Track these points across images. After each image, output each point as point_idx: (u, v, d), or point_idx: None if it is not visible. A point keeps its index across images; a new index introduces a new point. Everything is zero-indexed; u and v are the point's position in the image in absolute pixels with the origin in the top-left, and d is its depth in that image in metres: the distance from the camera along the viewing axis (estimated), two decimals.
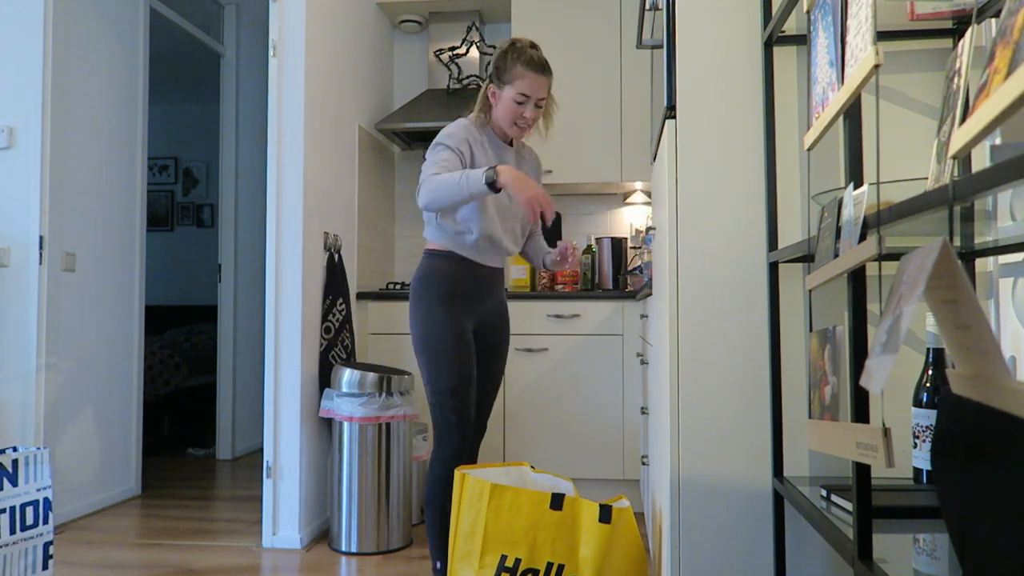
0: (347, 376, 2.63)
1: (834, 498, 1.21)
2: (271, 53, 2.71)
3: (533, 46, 2.06)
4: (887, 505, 1.12)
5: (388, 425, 2.64)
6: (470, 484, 1.78)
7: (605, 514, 1.70)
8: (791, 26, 1.52)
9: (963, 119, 0.77)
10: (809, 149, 1.11)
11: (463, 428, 2.03)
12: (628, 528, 1.73)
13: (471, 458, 2.21)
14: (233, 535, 2.81)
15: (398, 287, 3.39)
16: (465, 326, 2.07)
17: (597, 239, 3.51)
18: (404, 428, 2.69)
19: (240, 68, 4.30)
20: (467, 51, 3.61)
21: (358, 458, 2.61)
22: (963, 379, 0.68)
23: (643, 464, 2.52)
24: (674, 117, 1.56)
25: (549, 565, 1.72)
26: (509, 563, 1.73)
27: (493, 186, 1.81)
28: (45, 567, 2.02)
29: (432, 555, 2.09)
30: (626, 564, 1.72)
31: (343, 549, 2.62)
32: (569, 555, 1.73)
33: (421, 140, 3.67)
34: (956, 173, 0.82)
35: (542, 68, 2.03)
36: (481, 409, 2.20)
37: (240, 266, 4.29)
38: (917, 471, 1.26)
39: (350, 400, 2.60)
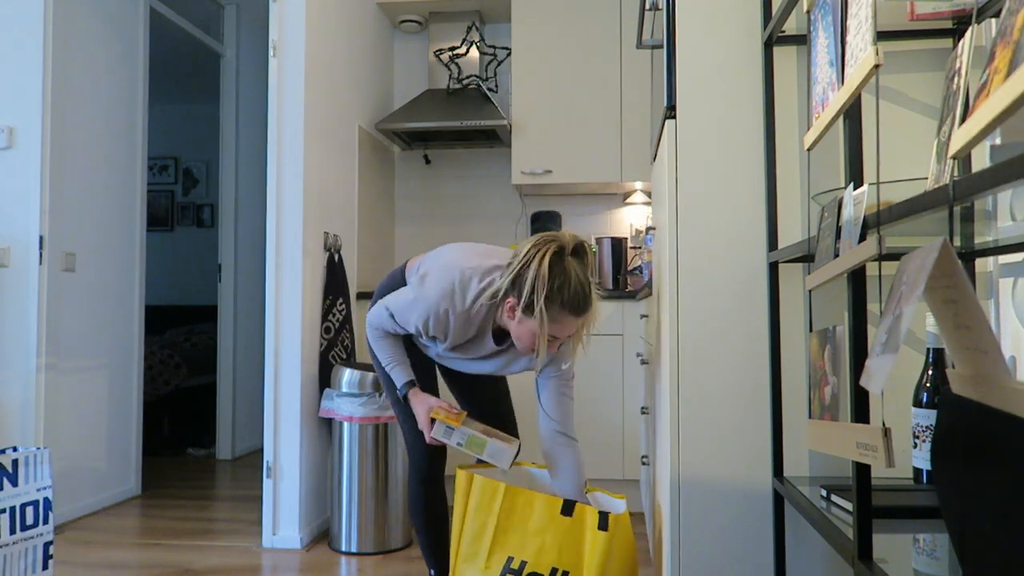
0: (347, 376, 2.63)
1: (834, 498, 1.21)
2: (271, 53, 2.71)
3: (576, 252, 1.66)
4: (887, 505, 1.12)
5: (388, 425, 2.64)
6: (480, 485, 1.78)
7: (603, 522, 1.70)
8: (791, 26, 1.52)
9: (963, 119, 0.77)
10: (809, 149, 1.11)
11: (419, 446, 1.96)
12: (624, 535, 1.73)
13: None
14: (233, 535, 2.81)
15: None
16: (428, 365, 1.98)
17: (597, 239, 3.51)
18: None
19: (240, 68, 4.30)
20: (467, 51, 3.61)
21: (358, 458, 2.61)
22: (963, 379, 0.68)
23: (643, 464, 2.52)
24: (674, 117, 1.56)
25: (554, 570, 1.72)
26: (515, 565, 1.73)
27: (404, 398, 1.86)
28: (45, 567, 2.02)
29: (427, 564, 2.09)
30: (622, 571, 1.72)
31: (343, 549, 2.62)
32: (574, 562, 1.73)
33: (421, 140, 3.68)
34: (956, 173, 0.82)
35: (584, 307, 1.65)
36: (501, 418, 2.07)
37: (240, 266, 4.29)
38: (917, 471, 1.26)
39: (350, 400, 2.60)
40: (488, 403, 2.07)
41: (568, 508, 1.75)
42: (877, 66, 0.82)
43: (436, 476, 2.02)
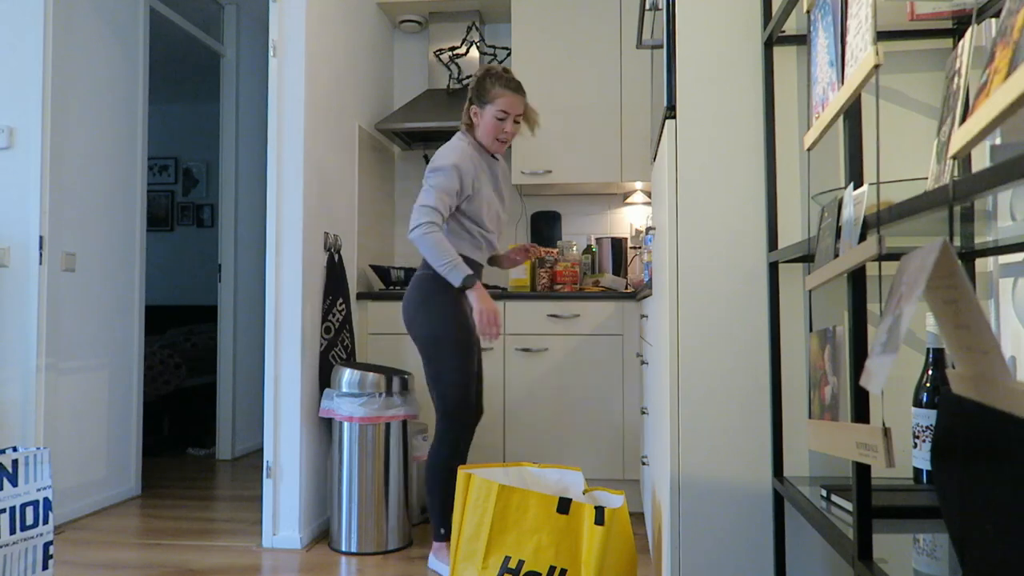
0: (347, 376, 2.63)
1: (834, 498, 1.21)
2: (271, 53, 2.71)
3: (506, 71, 2.38)
4: (887, 505, 1.12)
5: (388, 425, 2.64)
6: (476, 484, 1.78)
7: (599, 516, 1.70)
8: (791, 26, 1.52)
9: (963, 119, 0.77)
10: (809, 149, 1.11)
11: (469, 419, 2.29)
12: (621, 527, 1.74)
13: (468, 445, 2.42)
14: (233, 535, 2.81)
15: (397, 288, 3.39)
16: (471, 322, 2.34)
17: (597, 239, 3.51)
18: (404, 428, 2.69)
19: (240, 68, 4.30)
20: (467, 51, 3.61)
21: (358, 458, 2.61)
22: (963, 379, 0.68)
23: (643, 464, 2.52)
24: (674, 117, 1.56)
25: (552, 568, 1.72)
26: (512, 564, 1.73)
27: (462, 290, 2.24)
28: (45, 567, 2.02)
29: (435, 525, 2.30)
30: (620, 565, 1.72)
31: (343, 549, 2.62)
32: (572, 559, 1.73)
33: (421, 140, 3.68)
34: (956, 173, 0.82)
35: (517, 88, 2.36)
36: (478, 395, 2.46)
37: (240, 266, 4.30)
38: (917, 471, 1.26)
39: (350, 400, 2.60)
40: (478, 381, 2.49)
41: (564, 506, 1.75)
42: (877, 66, 0.82)
43: (473, 424, 2.35)
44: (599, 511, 1.71)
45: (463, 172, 2.27)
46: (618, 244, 3.46)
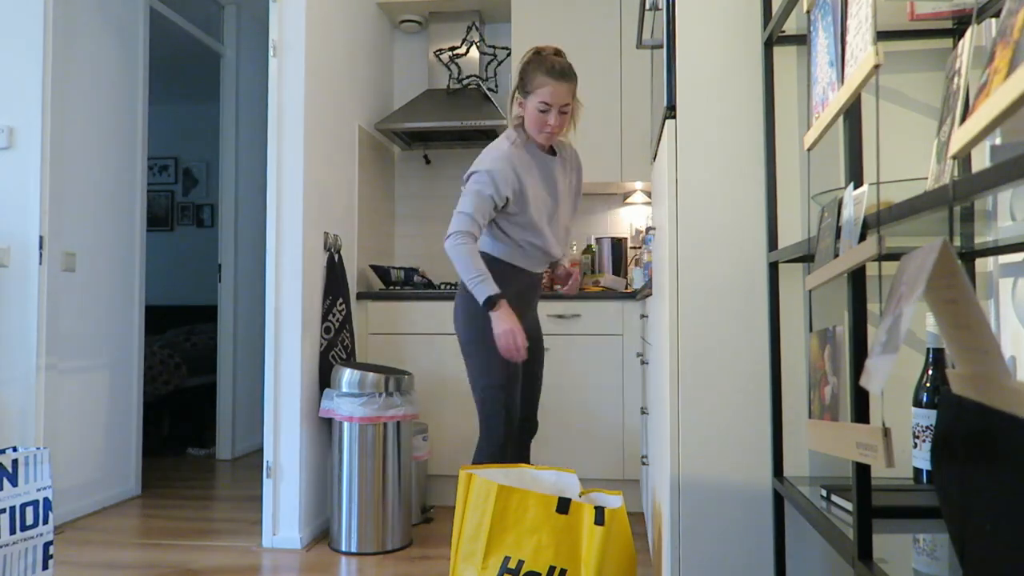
0: (347, 376, 2.63)
1: (834, 498, 1.21)
2: (271, 53, 2.71)
3: (557, 53, 2.08)
4: (887, 505, 1.12)
5: (388, 425, 2.64)
6: (477, 484, 1.78)
7: (599, 516, 1.71)
8: (791, 26, 1.52)
9: (963, 119, 0.77)
10: (809, 149, 1.11)
11: (510, 423, 2.18)
12: (620, 527, 1.74)
13: (519, 454, 2.35)
14: (233, 535, 2.81)
15: (397, 288, 3.39)
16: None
17: (597, 239, 3.51)
18: (404, 428, 2.69)
19: (240, 68, 4.30)
20: (467, 51, 3.61)
21: (358, 458, 2.61)
22: (963, 379, 0.68)
23: (643, 464, 2.52)
24: (674, 117, 1.56)
25: (551, 569, 1.72)
26: (512, 564, 1.72)
27: (486, 307, 2.06)
28: (45, 567, 2.02)
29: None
30: (619, 565, 1.72)
31: (343, 549, 2.62)
32: (572, 559, 1.73)
33: (421, 140, 3.68)
34: (956, 173, 0.82)
35: (563, 75, 2.04)
36: (530, 407, 2.36)
37: (240, 266, 4.30)
38: (917, 471, 1.26)
39: (350, 400, 2.60)
40: (533, 392, 2.38)
41: (564, 506, 1.75)
42: (877, 66, 0.82)
43: (525, 447, 2.33)
44: (599, 511, 1.72)
45: (498, 177, 2.07)
46: (618, 244, 3.46)
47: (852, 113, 0.95)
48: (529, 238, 2.18)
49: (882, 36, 1.46)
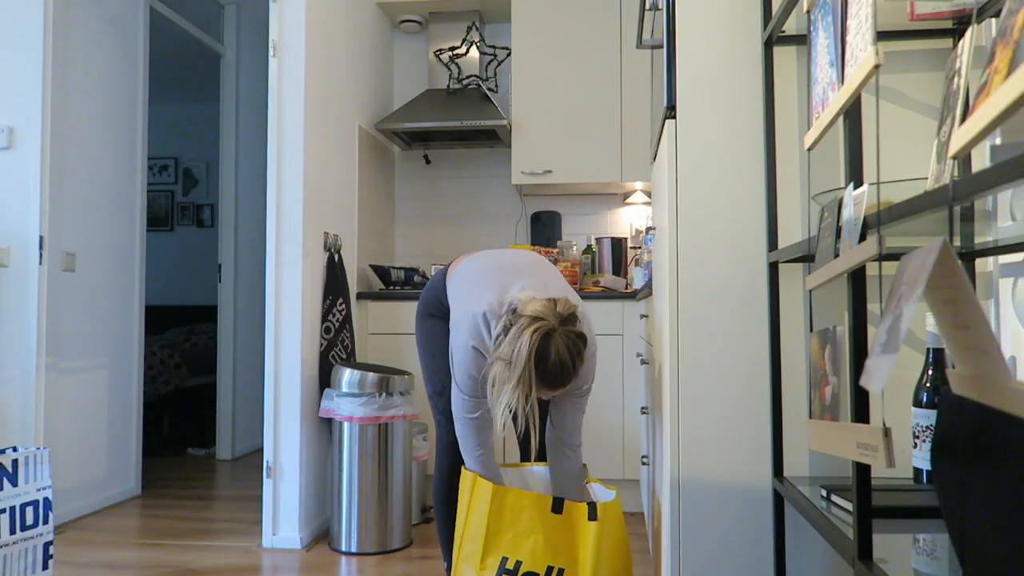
0: (347, 376, 2.63)
1: (834, 498, 1.21)
2: (271, 53, 2.71)
3: (560, 355, 1.62)
4: (887, 505, 1.12)
5: (388, 425, 2.64)
6: (476, 485, 1.78)
7: (592, 512, 1.71)
8: (791, 26, 1.52)
9: (963, 119, 0.77)
10: (809, 149, 1.11)
11: (452, 430, 2.00)
12: (613, 521, 1.74)
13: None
14: (233, 535, 2.81)
15: (397, 288, 3.39)
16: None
17: (597, 239, 3.51)
18: (404, 428, 2.69)
19: (240, 68, 4.30)
20: (467, 51, 3.61)
21: (358, 458, 2.61)
22: (963, 379, 0.68)
23: (643, 464, 2.52)
24: (674, 117, 1.55)
25: (549, 569, 1.72)
26: (510, 565, 1.73)
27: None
28: (45, 567, 2.02)
29: (442, 555, 2.12)
30: (615, 559, 1.73)
31: (343, 549, 2.62)
32: (570, 558, 1.73)
33: (421, 140, 3.67)
34: (956, 173, 0.82)
35: (557, 383, 1.66)
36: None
37: (240, 266, 4.29)
38: (917, 471, 1.26)
39: (350, 400, 2.60)
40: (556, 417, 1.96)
41: (558, 506, 1.75)
42: (877, 66, 0.82)
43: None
44: (591, 507, 1.72)
45: (480, 389, 1.82)
46: (618, 244, 3.46)
47: (852, 113, 0.95)
48: None
49: (882, 36, 1.46)
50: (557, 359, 1.62)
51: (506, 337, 1.65)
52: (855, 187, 0.94)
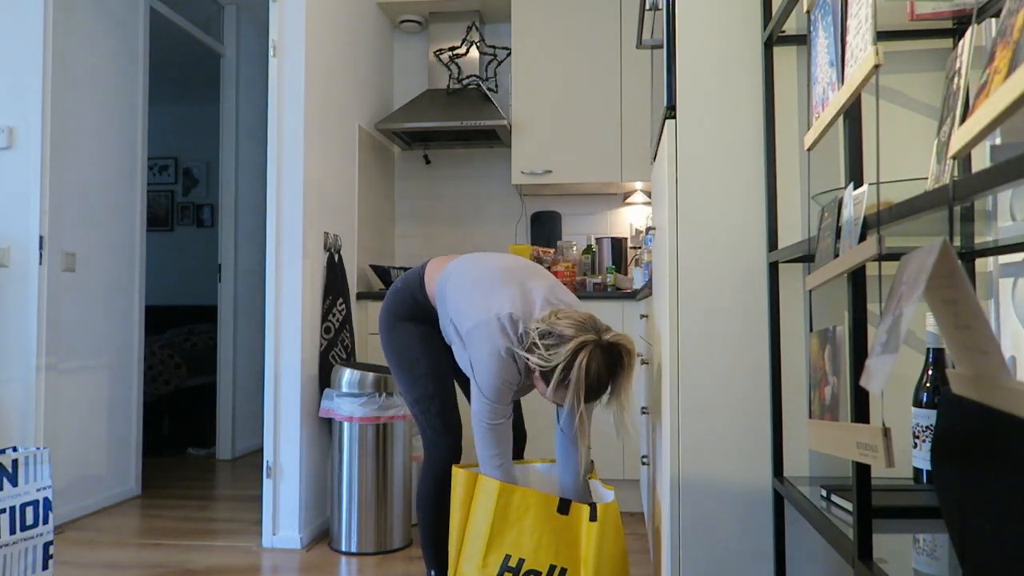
0: (347, 376, 2.63)
1: (834, 498, 1.21)
2: (271, 53, 2.71)
3: (599, 372, 1.71)
4: (887, 505, 1.12)
5: (388, 425, 2.64)
6: (481, 484, 1.79)
7: (593, 513, 1.72)
8: (791, 26, 1.52)
9: (963, 119, 0.77)
10: (809, 149, 1.11)
11: (452, 434, 2.00)
12: (612, 522, 1.75)
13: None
14: (233, 535, 2.81)
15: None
16: (436, 335, 2.01)
17: (597, 239, 3.51)
18: (404, 428, 2.69)
19: (240, 68, 4.30)
20: (467, 51, 3.61)
21: (358, 458, 2.61)
22: (963, 379, 0.68)
23: (643, 464, 2.52)
24: (674, 117, 1.55)
25: (552, 568, 1.72)
26: (512, 563, 1.73)
27: None
28: (45, 567, 2.02)
29: (426, 565, 2.05)
30: (613, 559, 1.73)
31: (343, 549, 2.62)
32: (572, 558, 1.73)
33: (421, 140, 3.67)
34: (956, 173, 0.82)
35: (592, 396, 1.76)
36: (516, 417, 2.16)
37: (240, 266, 4.29)
38: (917, 471, 1.26)
39: (350, 400, 2.60)
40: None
41: (564, 506, 1.75)
42: (877, 66, 0.82)
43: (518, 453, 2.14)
44: (592, 507, 1.73)
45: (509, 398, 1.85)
46: (618, 244, 3.46)
47: (852, 113, 0.95)
48: None
49: (882, 36, 1.46)
50: (596, 373, 1.73)
51: (552, 351, 1.69)
52: (855, 187, 0.94)
